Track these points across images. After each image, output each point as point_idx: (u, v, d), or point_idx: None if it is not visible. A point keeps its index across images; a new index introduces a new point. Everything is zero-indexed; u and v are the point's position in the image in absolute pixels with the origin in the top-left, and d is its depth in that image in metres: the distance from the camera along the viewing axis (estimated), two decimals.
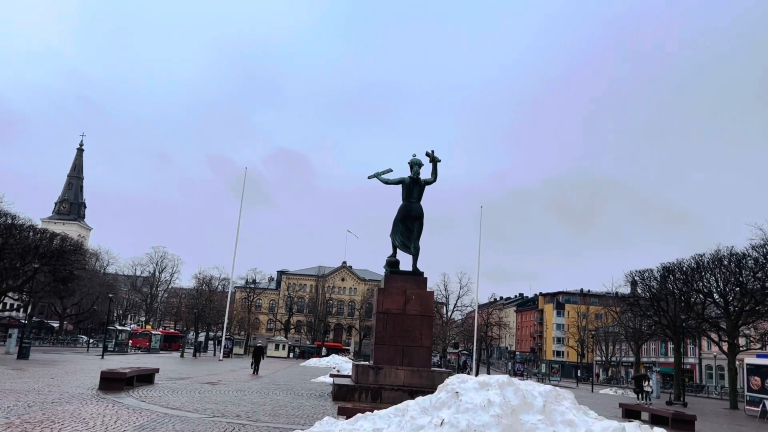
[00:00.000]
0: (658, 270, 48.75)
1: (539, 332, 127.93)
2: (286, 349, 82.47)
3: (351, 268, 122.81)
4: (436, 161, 20.77)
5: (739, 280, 39.68)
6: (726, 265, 40.74)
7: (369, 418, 8.01)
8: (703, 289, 43.14)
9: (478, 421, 6.63)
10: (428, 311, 20.18)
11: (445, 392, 7.76)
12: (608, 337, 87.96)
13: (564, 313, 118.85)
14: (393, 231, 21.33)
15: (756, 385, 32.45)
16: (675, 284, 45.88)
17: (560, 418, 6.98)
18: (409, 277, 20.58)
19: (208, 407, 14.58)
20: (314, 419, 12.55)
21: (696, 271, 43.17)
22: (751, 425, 25.39)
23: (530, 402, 7.18)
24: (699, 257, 43.08)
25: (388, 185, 20.97)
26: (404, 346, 19.39)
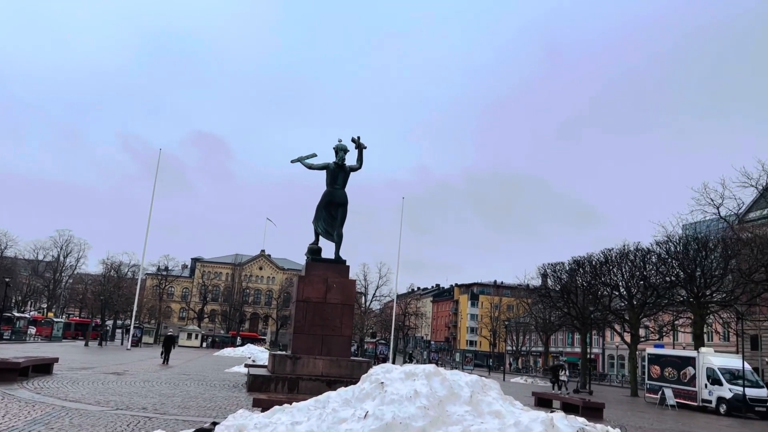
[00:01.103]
0: (569, 263, 50.76)
1: (454, 322, 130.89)
2: (200, 338, 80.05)
3: (270, 256, 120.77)
4: (362, 148, 20.38)
5: (643, 274, 41.86)
6: (632, 260, 42.87)
7: (287, 410, 7.55)
8: (609, 282, 45.26)
9: (403, 413, 6.35)
10: (350, 300, 19.83)
11: (369, 383, 7.43)
12: (519, 328, 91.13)
13: (478, 303, 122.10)
14: (316, 217, 20.79)
15: (655, 374, 34.33)
16: (584, 277, 47.89)
17: (487, 409, 6.82)
18: (331, 265, 20.13)
19: (111, 399, 13.60)
20: (227, 411, 11.93)
21: (604, 265, 45.20)
22: (652, 412, 26.77)
23: (457, 393, 6.97)
24: (607, 252, 45.15)
25: (312, 171, 20.40)
26: (324, 336, 18.96)
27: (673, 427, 19.94)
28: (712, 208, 36.14)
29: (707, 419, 25.18)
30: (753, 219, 44.35)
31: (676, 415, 26.06)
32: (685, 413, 27.37)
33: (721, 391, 29.03)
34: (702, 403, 29.98)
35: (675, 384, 31.80)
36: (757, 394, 28.36)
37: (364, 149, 20.41)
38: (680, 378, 31.95)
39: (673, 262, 40.03)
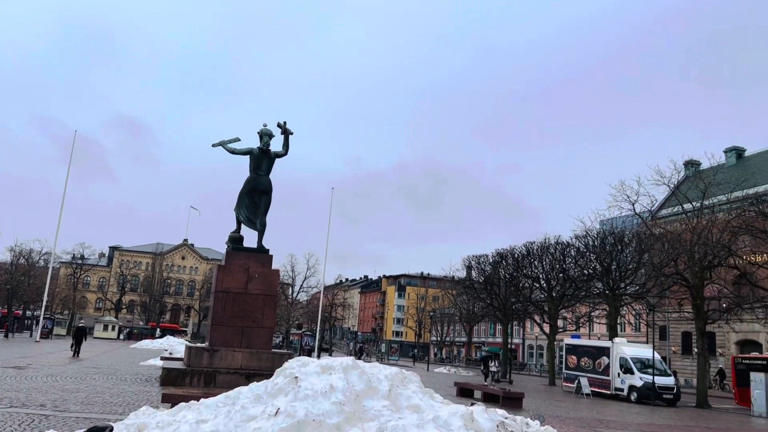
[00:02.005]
0: (493, 256, 51.84)
1: (381, 313, 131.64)
2: (116, 330, 76.71)
3: (192, 246, 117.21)
4: (288, 133, 19.74)
5: (562, 267, 43.20)
6: (552, 253, 44.20)
7: (193, 407, 7.01)
8: (531, 274, 46.49)
9: (317, 409, 5.98)
10: (272, 290, 19.23)
11: (283, 377, 7.01)
12: (444, 318, 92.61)
13: (405, 295, 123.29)
14: (238, 205, 20.00)
15: (572, 364, 35.49)
16: (507, 269, 49.02)
17: (406, 403, 6.56)
18: (253, 254, 19.43)
19: (5, 396, 12.51)
20: (135, 407, 11.18)
21: (526, 258, 46.39)
22: (568, 400, 27.60)
23: (375, 386, 6.67)
24: (529, 245, 46.33)
25: (235, 155, 19.59)
26: (244, 327, 18.29)
27: (588, 415, 20.54)
28: (628, 204, 37.55)
29: (619, 407, 26.18)
30: (664, 216, 46.57)
31: (591, 403, 26.95)
32: (599, 401, 28.37)
33: (633, 379, 30.29)
34: (615, 392, 31.20)
35: (590, 373, 32.95)
36: (665, 382, 29.75)
37: (290, 135, 19.79)
38: (595, 367, 33.14)
39: (591, 255, 41.52)
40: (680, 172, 41.49)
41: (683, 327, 51.33)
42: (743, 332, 46.39)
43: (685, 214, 34.88)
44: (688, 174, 51.72)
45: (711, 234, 31.96)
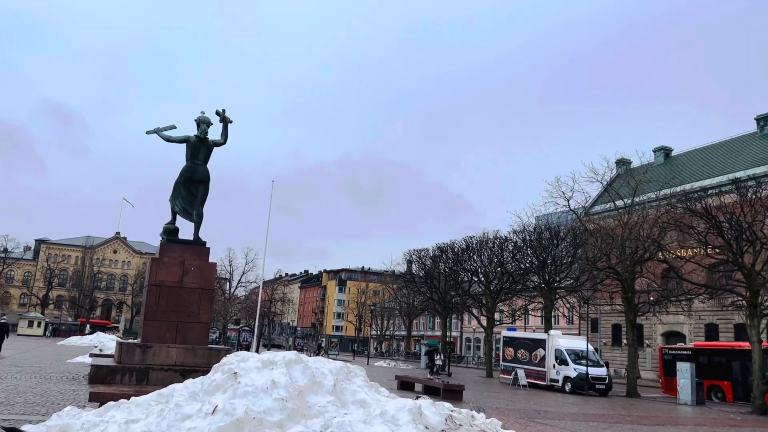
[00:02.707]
0: (433, 250, 52.27)
1: (321, 308, 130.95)
2: (42, 326, 73.05)
3: (125, 239, 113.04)
4: (227, 121, 19.07)
5: (500, 261, 43.97)
6: (490, 248, 44.91)
7: (123, 406, 6.56)
8: (470, 268, 47.10)
9: (258, 406, 5.67)
10: (209, 284, 18.56)
11: (221, 373, 6.64)
12: (384, 312, 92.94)
13: (345, 289, 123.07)
14: (173, 195, 19.19)
15: (509, 356, 36.16)
16: (447, 263, 49.51)
17: (352, 398, 6.33)
18: (189, 246, 18.68)
19: None
20: (59, 407, 10.48)
21: (465, 252, 46.96)
22: (506, 392, 28.07)
23: (320, 381, 6.41)
24: (469, 239, 46.93)
25: (171, 143, 18.75)
26: (179, 322, 17.58)
27: (526, 406, 20.89)
28: (563, 200, 38.55)
29: (555, 397, 26.82)
30: (598, 212, 48.09)
31: (528, 394, 27.51)
32: (535, 392, 28.99)
33: (567, 370, 31.11)
34: (550, 383, 31.97)
35: (527, 365, 33.65)
36: (597, 373, 30.70)
37: (229, 123, 19.12)
38: (532, 359, 33.86)
39: (528, 250, 42.42)
40: (612, 170, 42.98)
41: (614, 319, 53.24)
42: (669, 324, 48.54)
43: (617, 210, 36.04)
44: (619, 172, 53.55)
45: (642, 229, 33.19)
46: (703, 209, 27.86)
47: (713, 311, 43.69)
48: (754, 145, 51.19)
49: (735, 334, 43.56)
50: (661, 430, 16.18)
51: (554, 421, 16.38)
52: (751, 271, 25.76)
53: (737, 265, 26.52)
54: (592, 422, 17.04)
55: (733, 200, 28.36)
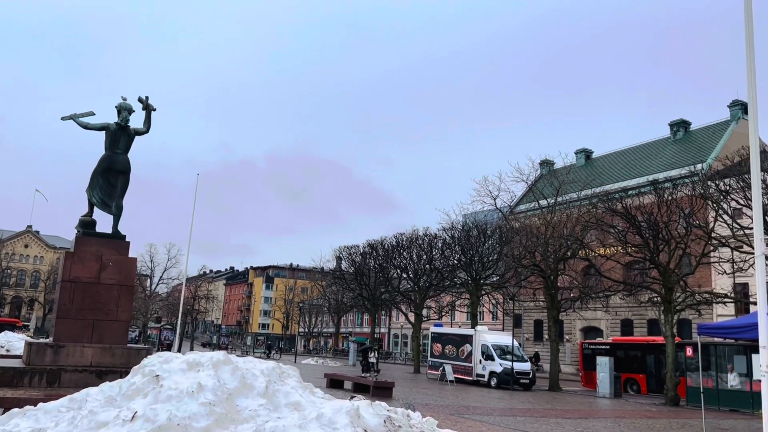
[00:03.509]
0: (364, 246, 52.17)
1: (247, 305, 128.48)
2: None
3: (38, 233, 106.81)
4: (150, 109, 18.07)
5: (430, 258, 44.38)
6: (420, 245, 45.25)
7: (29, 414, 5.94)
8: (400, 264, 47.31)
9: (183, 411, 5.24)
10: (128, 281, 17.55)
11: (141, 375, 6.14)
12: (312, 310, 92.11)
13: (273, 286, 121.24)
14: (91, 185, 17.98)
15: (437, 351, 36.50)
16: (377, 260, 49.54)
17: (285, 401, 5.98)
18: (107, 240, 17.57)
19: None
20: None
21: (395, 249, 47.12)
22: (433, 388, 28.28)
23: (250, 383, 6.03)
24: (399, 236, 47.09)
25: (88, 131, 17.60)
26: (95, 321, 16.52)
27: (454, 402, 21.06)
28: (490, 199, 39.32)
29: (481, 392, 27.24)
30: (522, 211, 49.38)
31: (455, 389, 27.81)
32: (462, 388, 29.36)
33: (493, 365, 31.70)
34: (476, 378, 32.48)
35: (454, 360, 34.06)
36: (522, 368, 31.45)
37: (153, 111, 18.13)
38: (459, 355, 34.31)
39: (456, 247, 43.00)
40: (537, 170, 44.25)
41: (536, 315, 54.90)
42: (587, 320, 50.49)
43: (541, 209, 37.05)
44: (543, 172, 55.24)
45: (565, 228, 34.28)
46: (623, 209, 29.02)
47: (629, 307, 45.74)
48: (667, 149, 54.00)
49: (648, 329, 45.80)
50: (584, 423, 16.63)
51: (483, 417, 16.53)
52: (666, 268, 27.02)
53: (653, 263, 27.77)
54: (520, 417, 17.32)
55: (650, 201, 29.65)
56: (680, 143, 53.60)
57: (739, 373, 24.11)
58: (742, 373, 23.94)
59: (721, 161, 31.37)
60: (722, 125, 51.00)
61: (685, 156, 48.24)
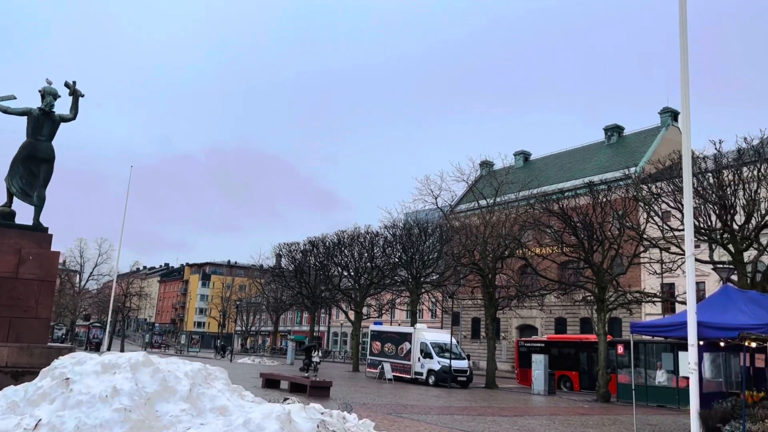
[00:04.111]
0: (304, 243, 51.49)
1: (182, 303, 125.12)
2: None
3: None
4: (78, 95, 17.05)
5: (371, 255, 44.23)
6: (361, 242, 45.00)
7: None
8: (341, 262, 46.93)
9: (94, 418, 4.76)
10: (50, 276, 16.48)
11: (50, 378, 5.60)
12: (250, 308, 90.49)
13: (210, 284, 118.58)
14: (10, 174, 16.82)
15: (376, 350, 36.36)
16: (317, 257, 48.99)
17: (211, 405, 5.57)
18: (26, 232, 16.46)
19: None
20: None
21: (337, 246, 46.71)
22: (372, 386, 28.09)
23: (173, 387, 5.58)
24: (341, 233, 46.70)
25: (8, 115, 16.47)
26: (12, 318, 15.42)
27: (392, 400, 20.90)
28: (431, 198, 39.53)
29: (419, 390, 27.23)
30: (463, 210, 49.90)
31: (393, 388, 27.71)
32: (400, 386, 29.29)
33: (432, 363, 31.79)
34: (414, 376, 32.51)
35: (393, 359, 34.00)
36: (460, 366, 31.67)
37: (81, 97, 17.14)
38: (398, 353, 34.27)
39: (398, 245, 43.00)
40: (477, 170, 44.80)
41: (474, 313, 55.61)
42: (523, 318, 51.54)
43: (481, 209, 37.48)
44: (483, 173, 56.03)
45: (503, 227, 34.78)
46: (560, 210, 29.63)
47: (563, 306, 46.89)
48: (602, 152, 55.72)
49: (581, 328, 47.12)
50: (521, 421, 16.76)
51: (421, 416, 16.41)
52: (599, 268, 27.74)
53: (588, 262, 28.46)
54: (457, 415, 17.30)
55: (586, 202, 30.39)
56: (614, 147, 55.38)
57: (666, 370, 25.02)
58: (669, 370, 24.85)
59: (654, 164, 32.47)
60: (653, 131, 52.99)
61: (619, 160, 49.83)
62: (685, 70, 16.21)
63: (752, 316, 13.54)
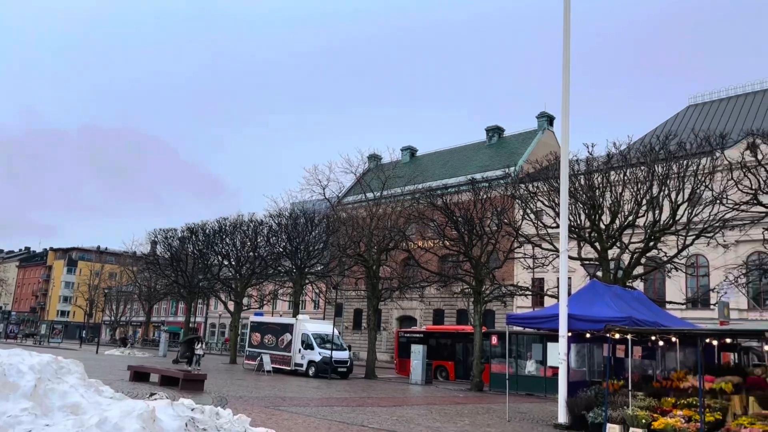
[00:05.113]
0: (182, 230, 49.12)
1: (44, 290, 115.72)
2: None
3: None
4: None
5: (254, 245, 43.06)
6: (244, 231, 43.64)
7: None
8: (221, 251, 45.27)
9: None
10: None
11: None
12: (121, 297, 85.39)
13: (76, 270, 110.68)
14: None
15: (256, 341, 35.46)
16: (196, 245, 46.95)
17: (61, 403, 4.88)
18: None
19: None
20: None
21: (218, 234, 44.99)
22: (250, 378, 27.31)
23: (14, 382, 4.82)
24: (222, 220, 45.03)
25: None
26: None
27: (271, 393, 20.36)
28: (319, 188, 39.13)
29: (299, 382, 26.84)
30: (350, 202, 49.91)
31: (272, 380, 27.10)
32: (279, 378, 28.73)
33: (312, 354, 31.48)
34: (294, 367, 32.06)
35: (273, 350, 33.32)
36: (341, 357, 31.61)
37: None
38: (278, 344, 33.62)
39: (283, 234, 42.16)
40: (365, 163, 44.95)
41: (357, 304, 55.94)
42: (404, 309, 52.55)
43: (368, 201, 37.62)
44: (371, 166, 56.35)
45: (389, 220, 35.14)
46: (444, 204, 30.38)
47: (441, 298, 48.30)
48: (483, 152, 57.93)
49: (457, 319, 48.81)
50: (399, 411, 16.88)
51: (300, 408, 16.06)
52: (478, 262, 28.75)
53: (467, 256, 29.40)
54: (337, 407, 17.13)
55: (468, 198, 31.35)
56: (494, 147, 57.75)
57: (536, 360, 26.40)
58: (538, 360, 26.24)
59: (532, 164, 34.08)
60: (531, 134, 55.82)
61: (499, 159, 52.01)
62: (566, 84, 17.07)
63: (616, 309, 14.48)
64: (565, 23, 16.43)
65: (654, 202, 25.03)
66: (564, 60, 16.42)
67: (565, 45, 16.44)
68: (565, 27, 16.40)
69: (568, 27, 16.43)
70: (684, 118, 45.46)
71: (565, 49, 16.50)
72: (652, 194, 24.93)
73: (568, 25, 16.45)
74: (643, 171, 25.31)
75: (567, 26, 16.39)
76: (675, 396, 13.46)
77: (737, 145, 27.32)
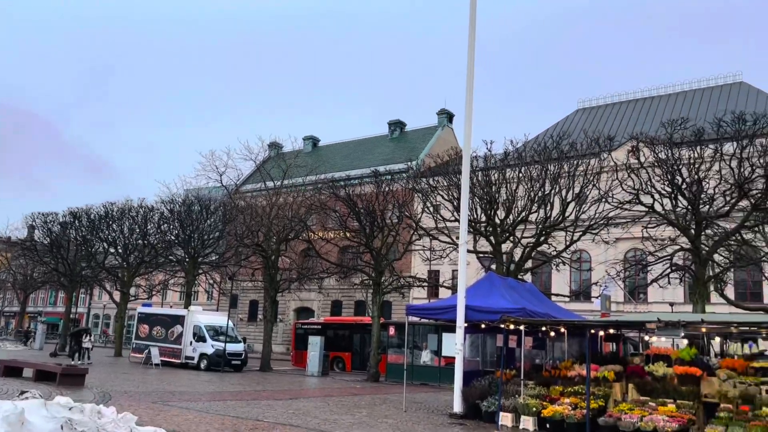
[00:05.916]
0: (64, 215, 45.74)
1: None
2: None
3: None
4: None
5: (144, 232, 40.87)
6: (133, 216, 41.30)
7: None
8: (107, 238, 42.62)
9: None
10: None
11: None
12: None
13: None
14: None
15: (143, 333, 33.74)
16: (79, 231, 43.91)
17: None
18: None
19: None
20: None
21: (104, 219, 42.29)
22: (136, 372, 25.91)
23: None
24: (109, 205, 42.33)
25: None
26: None
27: (159, 387, 19.36)
28: (216, 175, 37.72)
29: (190, 375, 25.78)
30: (249, 190, 48.56)
31: (160, 373, 25.86)
32: (168, 371, 27.47)
33: (205, 347, 30.36)
34: (185, 360, 30.81)
35: (162, 342, 31.82)
36: (235, 349, 30.72)
37: None
38: (168, 336, 32.16)
39: (175, 222, 40.29)
40: (266, 151, 43.86)
41: (253, 296, 54.74)
42: (302, 300, 52.01)
43: (268, 190, 36.76)
44: (272, 154, 55.15)
45: (290, 210, 34.50)
46: (346, 195, 30.23)
47: (340, 289, 48.23)
48: (385, 145, 58.40)
49: (355, 310, 48.98)
50: (295, 404, 16.54)
51: (190, 404, 15.32)
52: (378, 253, 28.88)
53: (368, 247, 29.46)
54: (230, 401, 16.53)
55: (370, 190, 31.39)
56: (396, 141, 58.37)
57: (431, 350, 26.90)
58: (433, 350, 26.76)
59: (433, 158, 34.68)
60: (431, 129, 56.91)
61: (400, 153, 52.62)
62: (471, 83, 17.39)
63: (511, 301, 14.94)
64: (470, 26, 16.71)
65: (546, 199, 26.22)
66: (469, 59, 16.74)
67: (470, 45, 16.74)
68: (471, 31, 16.68)
69: (474, 30, 16.72)
70: (574, 120, 48.05)
71: (470, 49, 16.81)
72: (544, 192, 26.07)
73: (474, 29, 16.73)
74: (537, 169, 26.42)
75: (473, 30, 16.67)
76: (563, 384, 14.09)
77: (622, 147, 29.17)
